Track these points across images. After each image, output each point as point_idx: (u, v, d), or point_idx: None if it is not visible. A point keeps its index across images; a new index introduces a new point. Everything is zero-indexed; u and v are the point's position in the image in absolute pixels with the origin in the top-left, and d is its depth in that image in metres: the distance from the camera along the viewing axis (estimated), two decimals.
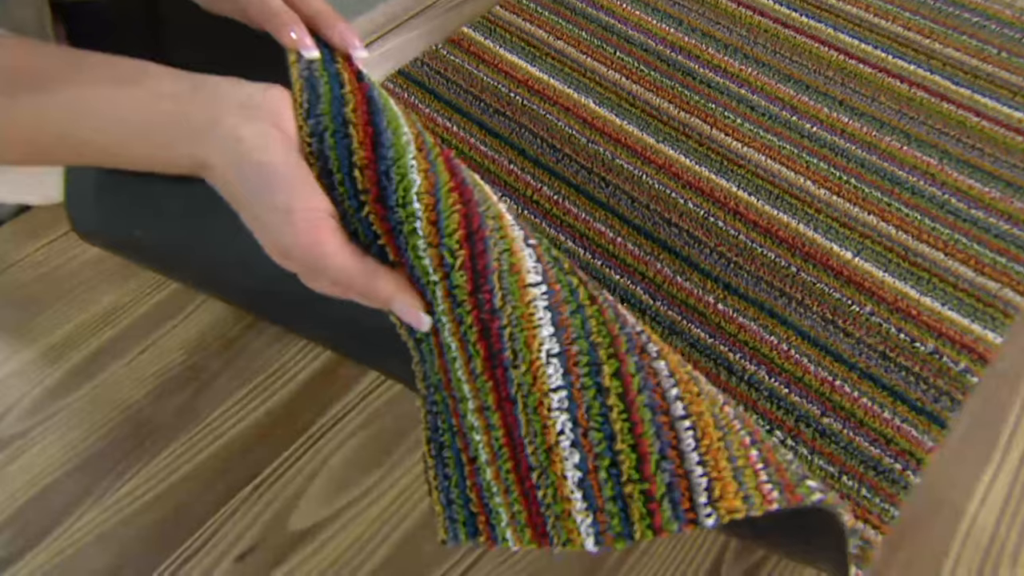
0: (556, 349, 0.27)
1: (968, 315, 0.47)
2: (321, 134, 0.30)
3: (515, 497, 0.28)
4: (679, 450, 0.25)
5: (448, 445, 0.30)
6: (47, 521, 0.40)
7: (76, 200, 0.45)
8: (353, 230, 0.30)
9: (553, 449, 0.26)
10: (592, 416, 0.26)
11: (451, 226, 0.28)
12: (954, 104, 0.58)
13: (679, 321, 0.47)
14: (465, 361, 0.29)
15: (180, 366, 0.46)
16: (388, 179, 0.29)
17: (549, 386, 0.26)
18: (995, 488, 0.41)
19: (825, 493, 0.26)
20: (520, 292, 0.28)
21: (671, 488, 0.25)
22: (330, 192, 0.29)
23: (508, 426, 0.27)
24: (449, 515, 0.30)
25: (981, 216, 0.52)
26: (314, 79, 0.32)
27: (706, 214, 0.52)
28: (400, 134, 0.31)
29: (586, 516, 0.26)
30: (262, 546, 0.39)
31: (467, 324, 0.28)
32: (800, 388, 0.44)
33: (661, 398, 0.26)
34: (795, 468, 0.27)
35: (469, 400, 0.29)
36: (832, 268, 0.50)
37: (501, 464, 0.28)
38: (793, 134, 0.57)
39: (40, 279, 0.50)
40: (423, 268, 0.28)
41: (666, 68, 0.62)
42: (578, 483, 0.26)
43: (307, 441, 0.43)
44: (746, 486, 0.25)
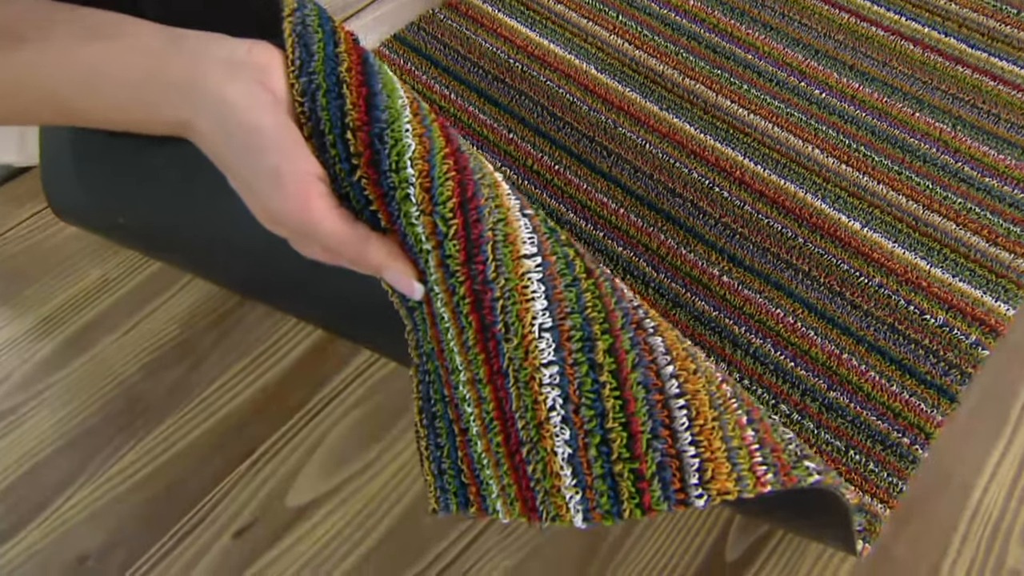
0: (549, 323, 0.26)
1: (980, 286, 0.46)
2: (313, 93, 0.28)
3: (505, 470, 0.27)
4: (672, 429, 0.24)
5: (440, 415, 0.29)
6: (39, 498, 0.39)
7: (52, 179, 0.43)
8: (344, 194, 0.28)
9: (543, 425, 0.25)
10: (584, 392, 0.25)
11: (445, 193, 0.27)
12: (970, 68, 0.56)
13: (683, 294, 0.46)
14: (458, 332, 0.28)
15: (172, 341, 0.45)
16: (382, 143, 0.28)
17: (541, 360, 0.25)
18: (1005, 462, 0.40)
19: (823, 474, 0.25)
20: (514, 264, 0.27)
21: (662, 468, 0.24)
22: (321, 154, 0.28)
23: (499, 399, 0.27)
24: (440, 485, 0.30)
25: (995, 184, 0.50)
26: (307, 35, 0.30)
27: (711, 184, 0.51)
28: (395, 97, 0.29)
29: (575, 493, 0.25)
30: (260, 522, 0.38)
31: (460, 295, 0.27)
32: (806, 361, 0.43)
33: (656, 376, 0.25)
34: (793, 448, 0.26)
35: (461, 371, 0.28)
36: (840, 239, 0.48)
37: (492, 437, 0.27)
38: (801, 101, 0.55)
39: (26, 251, 0.49)
40: (416, 236, 0.27)
41: (670, 33, 0.60)
42: (568, 459, 0.25)
43: (304, 417, 0.42)
44: (739, 467, 0.24)
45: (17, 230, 0.50)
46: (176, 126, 0.30)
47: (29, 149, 0.50)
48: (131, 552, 0.37)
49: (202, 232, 0.39)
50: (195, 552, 0.37)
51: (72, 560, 0.37)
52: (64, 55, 0.29)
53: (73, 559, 0.37)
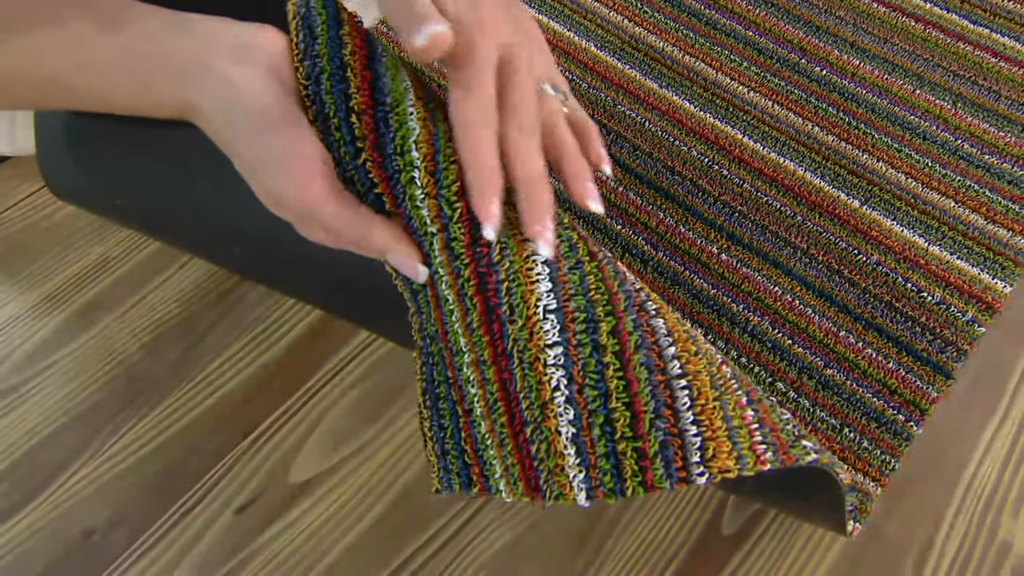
0: (553, 305, 0.26)
1: (977, 264, 0.45)
2: (318, 77, 0.28)
3: (509, 450, 0.27)
4: (674, 409, 0.24)
5: (444, 396, 0.29)
6: (44, 475, 0.39)
7: (48, 161, 0.43)
8: (349, 177, 0.28)
9: (548, 405, 0.25)
10: (588, 373, 0.25)
11: (449, 177, 0.27)
12: (971, 44, 0.55)
13: (681, 272, 0.46)
14: (462, 314, 0.27)
15: (175, 319, 0.45)
16: (387, 126, 0.27)
17: (545, 342, 0.25)
18: (999, 438, 0.40)
19: (820, 453, 0.25)
20: (518, 247, 0.26)
21: (664, 446, 0.24)
22: (325, 137, 0.28)
23: (503, 380, 0.26)
24: (444, 466, 0.30)
25: (994, 162, 0.50)
26: (311, 18, 0.29)
27: (710, 162, 0.50)
28: (399, 80, 0.29)
29: (579, 472, 0.25)
30: (262, 498, 0.38)
31: (464, 277, 0.27)
32: (804, 339, 0.43)
33: (658, 356, 0.25)
34: (791, 428, 0.26)
35: (465, 353, 0.28)
36: (839, 217, 0.48)
37: (496, 418, 0.27)
38: (802, 78, 0.54)
39: (26, 230, 0.49)
40: (421, 219, 0.27)
41: (670, 9, 0.58)
42: (572, 439, 0.25)
43: (305, 394, 0.42)
44: (740, 446, 0.24)
45: (15, 209, 0.50)
46: (182, 109, 0.29)
47: (19, 140, 0.49)
48: (135, 527, 0.37)
49: (201, 215, 0.39)
50: (198, 527, 0.37)
51: (78, 535, 0.37)
52: (73, 39, 0.29)
53: (78, 534, 0.37)
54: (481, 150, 0.26)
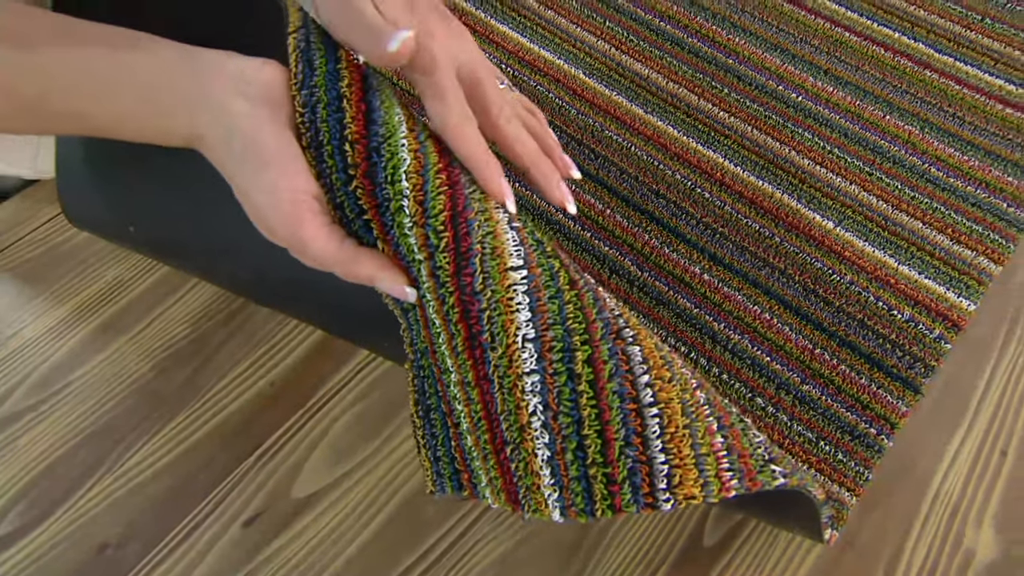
0: (532, 334, 0.25)
1: (944, 283, 0.45)
2: (314, 106, 0.27)
3: (492, 464, 0.27)
4: (643, 436, 0.24)
5: (435, 408, 0.29)
6: (59, 492, 0.39)
7: (68, 189, 0.42)
8: (339, 203, 0.28)
9: (525, 428, 0.25)
10: (562, 401, 0.25)
11: (437, 207, 0.26)
12: (936, 72, 0.55)
13: (666, 291, 0.45)
14: (448, 337, 0.27)
15: (184, 339, 0.44)
16: (379, 155, 0.27)
17: (523, 369, 0.25)
18: (964, 450, 0.39)
19: (789, 477, 0.25)
20: (500, 276, 0.26)
21: (633, 473, 0.24)
22: (318, 164, 0.27)
23: (486, 402, 0.26)
24: (436, 470, 0.30)
25: (959, 185, 0.49)
26: (310, 52, 0.29)
27: (693, 185, 0.50)
28: (393, 113, 0.28)
29: (553, 491, 0.25)
30: (267, 513, 0.38)
31: (449, 304, 0.26)
32: (781, 356, 0.43)
33: (631, 385, 0.25)
34: (761, 452, 0.26)
35: (452, 373, 0.27)
36: (814, 238, 0.47)
37: (480, 434, 0.27)
38: (778, 104, 0.54)
39: (45, 254, 0.48)
40: (408, 246, 0.27)
41: (654, 38, 0.58)
42: (547, 461, 0.25)
43: (309, 410, 0.41)
44: (706, 473, 0.24)
45: (37, 232, 0.49)
46: (186, 137, 0.29)
47: (41, 164, 0.49)
48: (147, 541, 0.37)
49: (207, 242, 0.38)
50: (207, 541, 0.37)
51: (93, 549, 0.37)
52: (84, 65, 0.28)
53: (94, 548, 0.37)
54: (473, 143, 0.29)
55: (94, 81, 0.28)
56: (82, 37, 0.29)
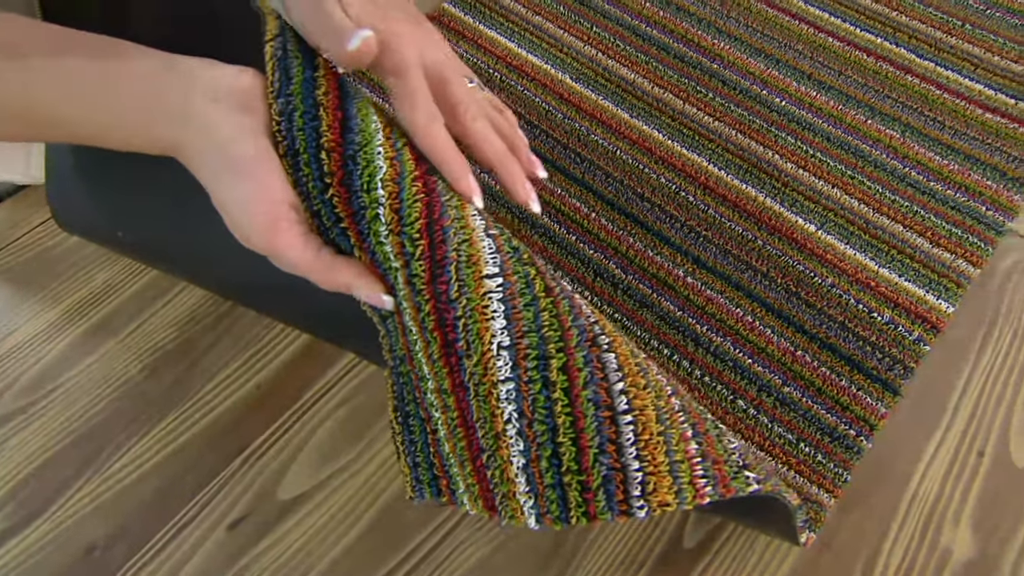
0: (507, 342, 0.25)
1: (923, 285, 0.45)
2: (290, 114, 0.27)
3: (469, 471, 0.27)
4: (618, 444, 0.24)
5: (413, 414, 0.29)
6: (48, 493, 0.39)
7: (57, 194, 0.42)
8: (316, 211, 0.27)
9: (500, 436, 0.25)
10: (537, 408, 0.25)
11: (412, 215, 0.26)
12: (918, 77, 0.55)
13: (650, 295, 0.45)
14: (424, 345, 0.27)
15: (173, 342, 0.44)
16: (355, 163, 0.27)
17: (498, 377, 0.25)
18: (941, 451, 0.39)
19: (763, 483, 0.25)
20: (476, 284, 0.26)
21: (607, 480, 0.24)
22: (294, 172, 0.27)
23: (462, 409, 0.26)
24: (415, 476, 0.30)
25: (939, 188, 0.49)
26: (287, 61, 0.29)
27: (677, 189, 0.50)
28: (369, 121, 0.28)
29: (528, 498, 0.25)
30: (253, 515, 0.38)
31: (425, 312, 0.26)
32: (763, 358, 0.43)
33: (605, 392, 0.25)
34: (736, 459, 0.26)
35: (429, 380, 0.27)
36: (796, 241, 0.47)
37: (456, 442, 0.27)
38: (762, 108, 0.54)
39: (36, 258, 0.48)
40: (384, 254, 0.27)
41: (641, 43, 0.58)
42: (522, 468, 0.25)
43: (295, 413, 0.41)
44: (680, 480, 0.24)
45: (28, 237, 0.49)
46: (165, 146, 0.29)
47: (33, 170, 0.49)
48: (133, 543, 0.37)
49: (193, 247, 0.38)
50: (193, 543, 0.37)
51: (80, 551, 0.37)
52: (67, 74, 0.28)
53: (81, 550, 0.37)
54: (441, 142, 0.29)
55: (77, 90, 0.28)
56: (67, 46, 0.29)
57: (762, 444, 0.40)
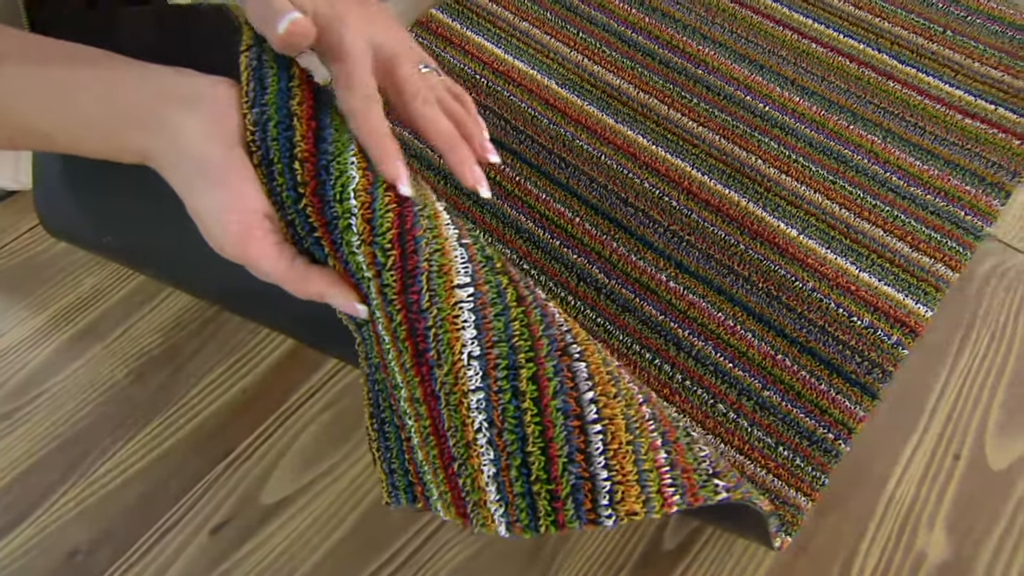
0: (477, 352, 0.25)
1: (903, 290, 0.45)
2: (264, 124, 0.27)
3: (441, 479, 0.27)
4: (587, 453, 0.24)
5: (388, 421, 0.29)
6: (33, 498, 0.38)
7: (44, 200, 0.42)
8: (290, 220, 0.27)
9: (471, 445, 0.25)
10: (507, 418, 0.24)
11: (384, 225, 0.26)
12: (899, 83, 0.55)
13: (632, 299, 0.45)
14: (397, 354, 0.27)
15: (159, 347, 0.44)
16: (328, 173, 0.27)
17: (469, 387, 0.25)
18: (918, 454, 0.39)
19: (732, 491, 0.25)
20: (447, 294, 0.26)
21: (576, 490, 0.24)
22: (268, 182, 0.27)
23: (434, 418, 0.26)
24: (391, 482, 0.30)
25: (919, 193, 0.49)
26: (262, 71, 0.29)
27: (661, 194, 0.50)
28: (343, 131, 0.28)
29: (498, 507, 0.25)
30: (235, 520, 0.37)
31: (397, 321, 0.26)
32: (743, 362, 0.43)
33: (575, 402, 0.25)
34: (705, 467, 0.26)
35: (402, 388, 0.27)
36: (778, 245, 0.47)
37: (429, 449, 0.27)
38: (746, 113, 0.54)
39: (25, 263, 0.47)
40: (357, 264, 0.27)
41: (626, 48, 0.58)
42: (492, 477, 0.25)
43: (279, 418, 0.41)
44: (648, 489, 0.24)
45: (17, 242, 0.49)
46: (141, 155, 0.29)
47: (22, 175, 0.48)
48: (117, 548, 0.37)
49: (177, 253, 0.38)
50: (175, 548, 0.37)
51: (63, 555, 0.37)
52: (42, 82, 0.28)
53: (64, 554, 0.37)
54: (372, 123, 0.28)
55: (51, 99, 0.28)
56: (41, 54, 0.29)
57: (741, 448, 0.40)
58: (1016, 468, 0.39)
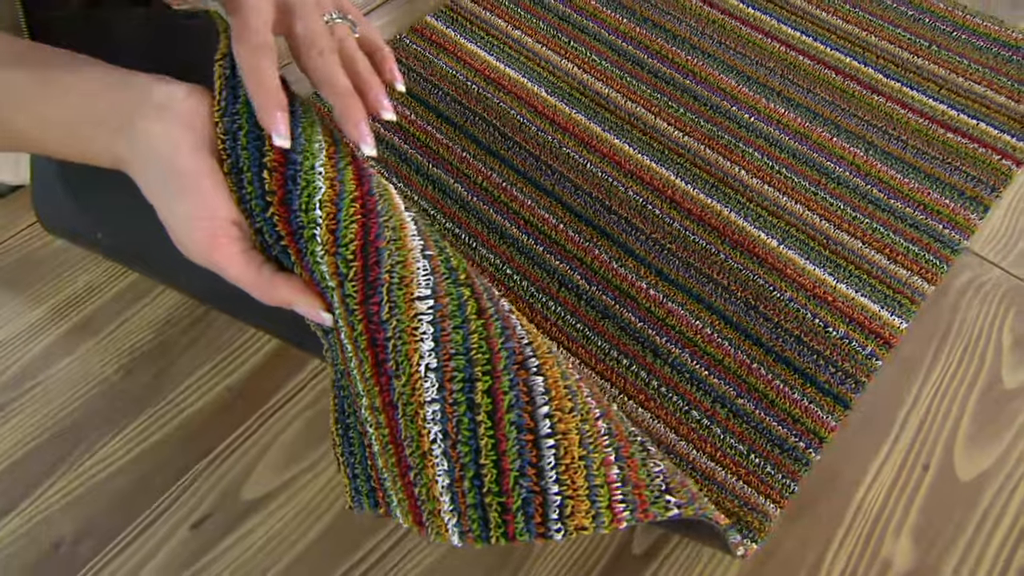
0: (434, 364, 0.25)
1: (878, 301, 0.45)
2: (235, 133, 0.27)
3: (399, 487, 0.27)
4: (538, 467, 0.24)
5: (353, 427, 0.29)
6: (22, 488, 0.39)
7: (42, 198, 0.42)
8: (259, 228, 0.28)
9: (427, 455, 0.25)
10: (461, 430, 0.25)
11: (348, 236, 0.26)
12: (883, 96, 0.55)
13: (612, 305, 0.45)
14: (358, 363, 0.27)
15: (150, 343, 0.44)
16: (295, 183, 0.27)
17: (425, 398, 0.25)
18: (887, 464, 0.39)
19: (683, 508, 0.25)
20: (406, 306, 0.26)
21: (526, 503, 0.24)
22: (238, 190, 0.27)
23: (392, 427, 0.26)
24: (355, 487, 0.30)
25: (899, 206, 0.49)
26: (235, 80, 0.29)
27: (644, 202, 0.50)
28: (313, 141, 0.28)
29: (452, 517, 0.25)
30: (216, 515, 0.38)
31: (358, 331, 0.26)
32: (719, 370, 0.43)
33: (529, 417, 0.25)
34: (658, 483, 0.25)
35: (363, 397, 0.27)
36: (758, 255, 0.47)
37: (388, 458, 0.27)
38: (731, 124, 0.54)
39: (22, 260, 0.48)
40: (321, 273, 0.27)
41: (616, 58, 0.58)
42: (446, 488, 0.25)
43: (262, 416, 0.41)
44: (598, 505, 0.24)
45: (16, 239, 0.49)
46: (115, 160, 0.29)
47: (23, 171, 0.49)
48: (100, 540, 0.37)
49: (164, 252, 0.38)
50: (157, 541, 0.37)
51: (48, 546, 0.37)
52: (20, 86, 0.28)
53: (49, 545, 0.37)
54: (258, 74, 0.27)
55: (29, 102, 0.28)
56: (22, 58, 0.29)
57: (713, 454, 0.40)
58: (983, 479, 0.38)
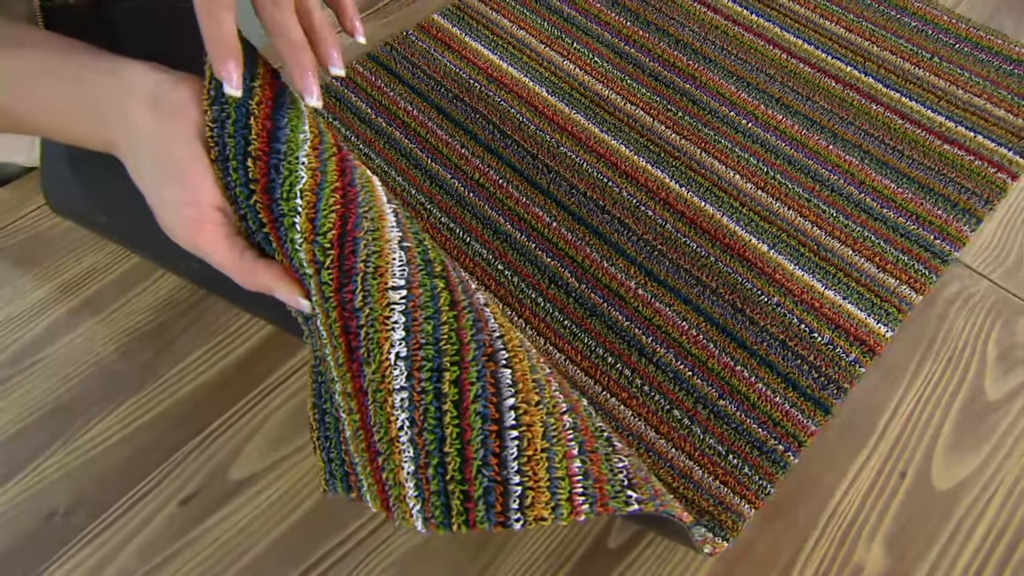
0: (404, 352, 0.25)
1: (865, 309, 0.45)
2: (223, 121, 0.27)
3: (369, 472, 0.27)
4: (501, 458, 0.24)
5: (329, 411, 0.30)
6: (21, 459, 0.39)
7: (50, 180, 0.43)
8: (243, 215, 0.28)
9: (394, 442, 0.25)
10: (428, 418, 0.25)
11: (326, 225, 0.27)
12: (882, 106, 0.54)
13: (600, 304, 0.45)
14: (332, 350, 0.27)
15: (149, 324, 0.45)
16: (277, 172, 0.27)
17: (394, 386, 0.25)
18: (865, 471, 0.39)
19: (643, 504, 0.25)
20: (380, 295, 0.26)
21: (487, 492, 0.24)
22: (224, 177, 0.28)
23: (363, 413, 0.26)
24: (329, 470, 0.30)
25: (891, 216, 0.49)
26: None
27: (638, 203, 0.50)
28: (298, 131, 0.28)
29: (416, 502, 0.25)
30: (204, 492, 0.38)
31: (332, 318, 0.27)
32: (703, 371, 0.42)
33: (495, 408, 0.25)
34: (620, 478, 0.26)
35: (337, 383, 0.28)
36: (747, 259, 0.47)
37: (358, 443, 0.27)
38: (729, 129, 0.53)
39: (30, 240, 0.49)
40: (299, 261, 0.27)
41: (618, 60, 0.58)
42: (411, 474, 0.25)
43: (253, 398, 0.42)
44: (558, 496, 0.24)
45: (25, 220, 0.50)
46: (104, 144, 0.29)
47: (36, 154, 0.50)
48: (91, 512, 0.38)
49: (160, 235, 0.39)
50: (145, 515, 0.37)
51: (42, 516, 0.38)
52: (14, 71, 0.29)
53: (43, 516, 0.38)
54: (213, 27, 0.27)
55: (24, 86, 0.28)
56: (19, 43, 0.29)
57: (691, 454, 0.39)
58: (960, 489, 0.38)
